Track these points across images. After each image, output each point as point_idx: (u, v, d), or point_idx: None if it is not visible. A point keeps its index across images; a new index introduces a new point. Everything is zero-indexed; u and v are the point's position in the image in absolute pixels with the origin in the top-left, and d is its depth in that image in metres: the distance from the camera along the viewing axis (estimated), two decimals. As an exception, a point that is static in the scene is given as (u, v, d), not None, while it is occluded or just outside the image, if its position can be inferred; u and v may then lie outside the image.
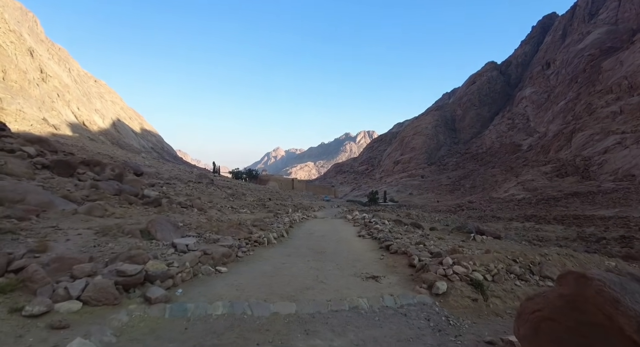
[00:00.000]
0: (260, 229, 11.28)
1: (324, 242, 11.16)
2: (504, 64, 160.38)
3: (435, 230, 19.09)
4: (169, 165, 70.83)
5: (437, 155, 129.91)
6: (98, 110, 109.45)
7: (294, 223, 16.59)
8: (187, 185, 31.33)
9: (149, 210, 12.04)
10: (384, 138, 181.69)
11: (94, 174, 14.07)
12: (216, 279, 5.78)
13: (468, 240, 13.76)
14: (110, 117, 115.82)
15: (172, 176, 38.89)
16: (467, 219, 38.32)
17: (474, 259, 6.36)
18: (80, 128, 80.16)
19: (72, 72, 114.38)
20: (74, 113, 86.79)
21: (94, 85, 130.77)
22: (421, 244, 9.92)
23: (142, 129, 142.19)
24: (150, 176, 30.78)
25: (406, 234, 13.35)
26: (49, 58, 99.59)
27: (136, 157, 71.73)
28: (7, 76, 63.89)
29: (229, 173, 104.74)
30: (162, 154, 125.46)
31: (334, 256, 8.59)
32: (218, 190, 34.44)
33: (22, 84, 67.38)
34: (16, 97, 62.02)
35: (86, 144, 65.14)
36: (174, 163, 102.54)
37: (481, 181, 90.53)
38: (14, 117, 55.49)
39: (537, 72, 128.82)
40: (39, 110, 67.24)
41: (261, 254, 8.32)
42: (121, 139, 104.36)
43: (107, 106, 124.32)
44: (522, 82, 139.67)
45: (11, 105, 59.08)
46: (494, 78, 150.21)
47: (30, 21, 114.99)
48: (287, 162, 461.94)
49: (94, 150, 52.05)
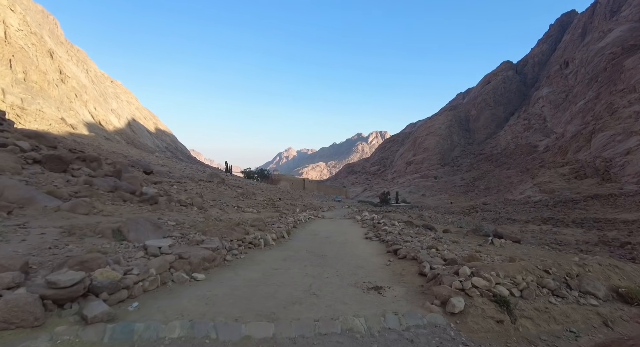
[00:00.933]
0: (259, 229, 10.60)
1: (327, 244, 10.42)
2: (520, 64, 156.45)
3: (448, 232, 17.97)
4: (182, 165, 71.15)
5: (451, 156, 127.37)
6: (114, 110, 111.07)
7: (298, 223, 15.89)
8: (198, 184, 31.01)
9: (143, 208, 11.49)
10: (396, 138, 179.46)
11: (90, 170, 13.57)
12: (188, 288, 5.00)
13: (485, 244, 12.73)
14: (126, 117, 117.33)
15: (183, 175, 38.75)
16: (481, 221, 36.88)
17: (497, 269, 5.38)
18: (97, 127, 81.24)
19: (90, 72, 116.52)
20: (91, 113, 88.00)
21: (111, 85, 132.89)
22: (433, 248, 9.05)
23: (157, 129, 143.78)
24: (162, 175, 30.59)
25: (417, 236, 12.42)
26: (68, 59, 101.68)
27: (150, 156, 72.38)
28: (28, 77, 64.97)
29: (241, 173, 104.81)
30: (175, 154, 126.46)
31: (335, 261, 7.86)
32: (229, 189, 34.03)
33: (42, 84, 68.46)
34: (36, 98, 63.16)
35: (102, 143, 65.95)
36: (187, 162, 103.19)
37: (496, 183, 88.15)
38: (34, 117, 56.48)
39: (554, 72, 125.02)
40: (58, 110, 68.36)
41: (253, 258, 7.62)
42: (136, 138, 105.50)
43: (123, 106, 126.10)
44: (538, 82, 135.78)
45: (32, 106, 60.21)
46: (509, 78, 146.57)
47: (50, 24, 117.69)
48: (298, 162, 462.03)
49: (109, 149, 52.53)
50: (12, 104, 55.92)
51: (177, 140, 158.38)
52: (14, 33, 69.56)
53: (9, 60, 61.20)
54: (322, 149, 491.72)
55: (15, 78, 61.10)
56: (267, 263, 7.21)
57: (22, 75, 63.21)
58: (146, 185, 16.07)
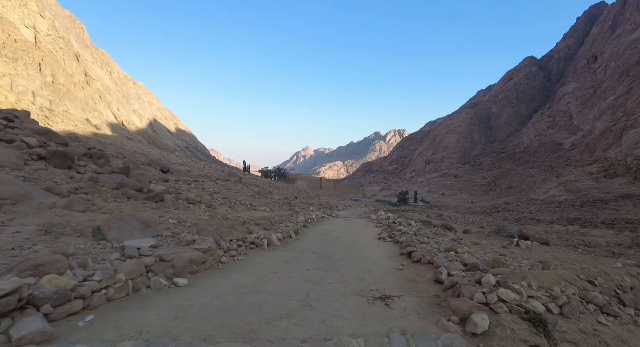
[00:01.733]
0: (264, 228, 10.14)
1: (336, 245, 9.86)
2: (544, 59, 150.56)
3: (469, 233, 16.95)
4: (201, 164, 71.94)
5: (471, 155, 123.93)
6: (136, 110, 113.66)
7: (309, 222, 15.38)
8: (215, 182, 30.98)
9: (146, 205, 11.15)
10: (415, 137, 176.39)
11: (97, 167, 13.35)
12: (164, 296, 4.39)
13: (510, 246, 11.73)
14: (147, 117, 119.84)
15: (201, 173, 38.92)
16: (503, 221, 35.30)
17: (529, 278, 4.47)
18: (120, 128, 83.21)
19: (113, 74, 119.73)
20: (114, 114, 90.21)
21: (133, 87, 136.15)
22: (452, 250, 8.25)
23: (177, 129, 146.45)
24: (180, 174, 30.69)
25: (434, 237, 11.59)
26: (92, 62, 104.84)
27: (170, 155, 73.58)
28: (56, 80, 67.13)
29: (259, 172, 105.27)
30: (195, 153, 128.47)
31: (341, 264, 7.26)
32: (245, 188, 33.88)
33: (69, 87, 70.62)
34: (63, 99, 65.23)
35: (124, 142, 67.47)
36: (206, 162, 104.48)
37: (518, 182, 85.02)
38: (61, 118, 58.29)
39: (581, 66, 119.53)
40: (83, 111, 70.37)
41: (252, 260, 7.08)
42: (157, 138, 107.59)
43: (145, 107, 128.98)
44: (564, 78, 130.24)
45: (59, 107, 62.20)
46: (532, 74, 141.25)
47: (77, 28, 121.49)
48: (315, 162, 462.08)
49: (131, 149, 53.54)
50: (41, 106, 57.85)
51: (196, 139, 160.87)
52: (43, 38, 72.10)
53: (39, 63, 63.36)
54: (340, 148, 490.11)
55: (44, 81, 63.23)
56: (265, 266, 6.68)
57: (50, 78, 65.34)
58: (155, 182, 15.91)
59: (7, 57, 57.69)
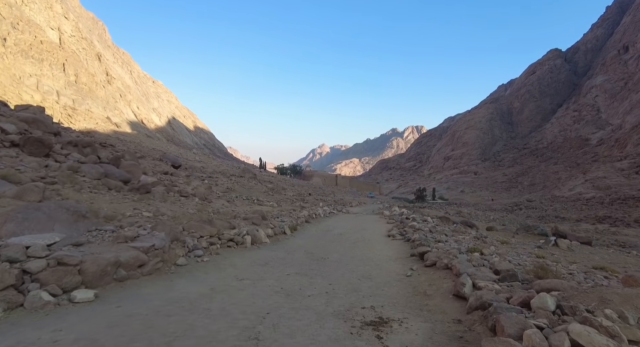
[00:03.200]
0: (252, 223, 9.50)
1: (335, 243, 8.80)
2: (569, 51, 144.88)
3: (493, 230, 15.43)
4: (218, 161, 73.08)
5: (492, 151, 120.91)
6: (155, 109, 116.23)
7: (313, 218, 14.76)
8: (230, 179, 31.35)
9: (127, 197, 10.32)
10: (433, 133, 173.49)
11: (81, 156, 12.55)
12: (30, 323, 3.18)
13: (546, 246, 10.15)
14: (166, 115, 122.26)
15: (216, 170, 39.51)
16: (525, 219, 34.18)
17: (614, 302, 2.85)
18: (139, 126, 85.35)
19: (133, 73, 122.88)
20: (134, 112, 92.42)
21: (152, 85, 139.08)
22: (476, 251, 6.85)
23: (195, 127, 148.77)
24: (195, 170, 31.24)
25: (453, 235, 10.46)
26: (114, 62, 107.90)
27: (188, 153, 75.04)
28: (79, 79, 69.43)
29: (275, 169, 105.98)
30: (213, 151, 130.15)
31: (335, 267, 6.13)
32: (259, 184, 34.17)
33: (91, 86, 72.88)
34: (86, 98, 67.53)
35: (143, 140, 69.23)
36: (223, 159, 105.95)
37: (541, 178, 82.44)
38: (83, 117, 60.35)
39: (611, 58, 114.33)
40: (104, 109, 72.63)
41: (222, 261, 6.03)
42: (176, 136, 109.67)
43: (164, 105, 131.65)
44: (591, 70, 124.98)
45: (82, 106, 64.46)
46: (557, 66, 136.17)
47: (99, 29, 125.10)
48: (331, 159, 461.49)
49: (149, 146, 54.88)
50: (64, 105, 59.96)
51: (214, 137, 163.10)
52: (67, 39, 74.64)
53: (63, 64, 65.69)
54: (356, 145, 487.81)
55: (67, 81, 65.50)
56: (235, 269, 5.58)
57: (73, 77, 67.63)
58: (152, 175, 15.33)
59: (33, 58, 59.91)
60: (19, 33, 59.50)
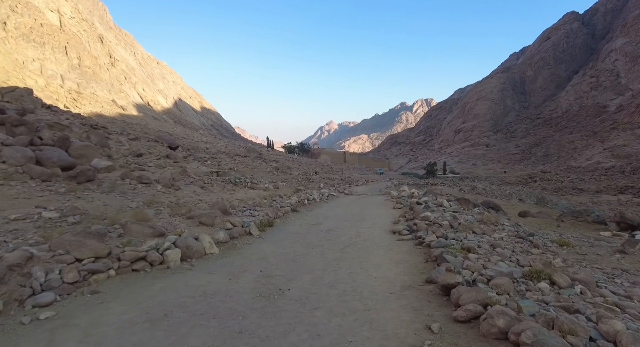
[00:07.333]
0: (200, 223, 7.06)
1: (316, 250, 6.41)
2: (587, 13, 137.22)
3: (528, 216, 12.36)
4: (225, 142, 72.79)
5: (504, 122, 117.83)
6: (161, 90, 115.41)
7: (304, 204, 12.65)
8: (233, 159, 31.06)
9: (51, 188, 8.28)
10: (443, 106, 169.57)
11: (8, 137, 10.63)
12: None
13: (632, 250, 6.73)
14: (172, 97, 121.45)
15: (220, 150, 39.22)
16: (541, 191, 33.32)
17: None
18: (145, 108, 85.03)
19: (137, 55, 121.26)
20: (140, 94, 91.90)
21: (157, 67, 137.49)
22: (541, 278, 4.27)
23: (202, 108, 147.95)
24: (198, 151, 30.94)
25: (482, 229, 7.54)
26: (117, 44, 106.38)
27: (194, 134, 74.84)
28: (82, 63, 68.76)
29: (282, 148, 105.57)
30: (220, 131, 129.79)
31: (287, 321, 3.54)
32: (264, 164, 33.85)
33: (94, 69, 72.21)
34: (90, 82, 67.11)
35: (149, 122, 69.04)
36: (231, 139, 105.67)
37: (556, 149, 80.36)
38: (89, 100, 60.16)
39: (633, 18, 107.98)
40: (109, 92, 72.26)
41: (73, 319, 3.39)
42: (182, 117, 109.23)
43: (169, 87, 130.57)
44: (611, 33, 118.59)
45: (86, 90, 64.15)
46: (574, 31, 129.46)
47: (100, 10, 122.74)
48: (340, 136, 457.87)
49: (156, 128, 54.66)
50: (69, 89, 59.65)
51: (222, 118, 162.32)
52: (67, 21, 73.34)
53: (65, 47, 64.87)
54: (364, 121, 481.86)
55: (71, 64, 64.90)
56: None
57: (76, 61, 66.94)
58: (111, 157, 13.57)
59: (35, 41, 59.16)
60: (18, 16, 58.51)
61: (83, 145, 12.01)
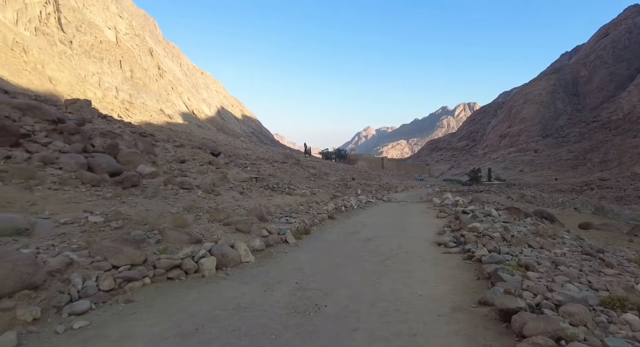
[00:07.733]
0: (237, 230, 6.90)
1: (354, 262, 6.05)
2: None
3: (591, 229, 11.52)
4: (264, 148, 74.52)
5: (554, 126, 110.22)
6: (205, 99, 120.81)
7: (341, 211, 12.15)
8: (272, 165, 31.55)
9: (99, 194, 8.50)
10: (487, 109, 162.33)
11: (65, 145, 11.06)
12: None
13: None
14: (215, 105, 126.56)
15: (260, 157, 40.10)
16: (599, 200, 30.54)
17: None
18: (190, 116, 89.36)
19: (183, 66, 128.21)
20: (185, 103, 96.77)
21: (201, 77, 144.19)
22: (625, 306, 3.46)
23: (243, 115, 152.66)
24: (239, 157, 31.82)
25: (539, 244, 6.65)
26: (164, 56, 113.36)
27: (236, 141, 77.41)
28: (134, 75, 73.84)
29: (319, 154, 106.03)
30: (260, 138, 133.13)
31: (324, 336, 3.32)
32: (301, 170, 34.06)
33: (145, 80, 77.25)
34: (140, 92, 71.90)
35: (194, 130, 72.46)
36: (270, 146, 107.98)
37: (616, 154, 73.66)
38: (139, 110, 64.42)
39: None
40: (157, 102, 76.85)
41: (105, 330, 3.27)
42: (225, 125, 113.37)
43: (212, 96, 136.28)
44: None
45: (137, 100, 68.80)
46: (637, 25, 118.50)
47: (150, 25, 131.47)
48: (377, 141, 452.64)
49: (200, 136, 57.23)
50: (123, 99, 64.20)
51: (261, 125, 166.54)
52: (122, 37, 79.29)
53: (119, 61, 70.04)
54: (403, 125, 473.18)
55: (124, 76, 69.89)
56: None
57: (129, 73, 71.95)
58: (156, 163, 13.77)
59: (95, 57, 64.40)
60: (82, 35, 64.10)
61: (130, 152, 12.42)
